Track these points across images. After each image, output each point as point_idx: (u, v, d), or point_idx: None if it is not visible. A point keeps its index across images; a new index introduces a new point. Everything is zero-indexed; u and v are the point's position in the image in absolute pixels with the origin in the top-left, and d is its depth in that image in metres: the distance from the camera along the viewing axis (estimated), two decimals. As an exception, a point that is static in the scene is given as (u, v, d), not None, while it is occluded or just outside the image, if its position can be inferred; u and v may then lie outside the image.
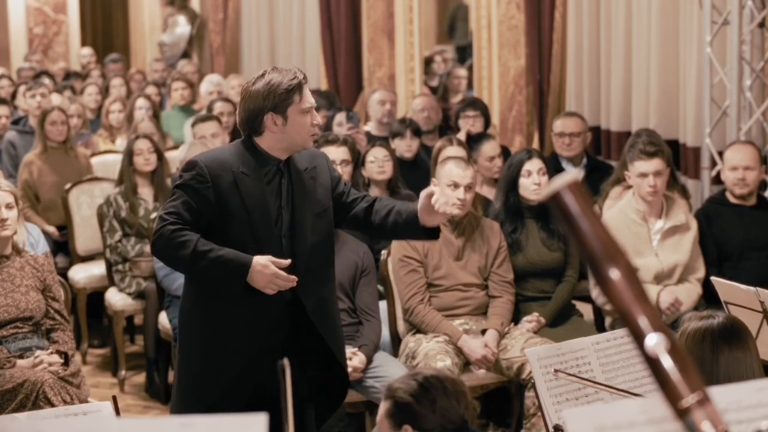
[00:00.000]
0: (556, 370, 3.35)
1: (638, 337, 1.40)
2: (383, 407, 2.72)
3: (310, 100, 3.90)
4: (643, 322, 1.40)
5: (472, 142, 6.71)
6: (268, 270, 3.73)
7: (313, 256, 3.91)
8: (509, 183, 5.46)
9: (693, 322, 2.96)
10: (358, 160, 6.01)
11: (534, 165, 5.42)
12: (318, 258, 3.94)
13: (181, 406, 4.01)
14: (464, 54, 12.83)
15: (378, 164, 6.13)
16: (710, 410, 1.36)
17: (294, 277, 3.78)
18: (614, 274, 1.42)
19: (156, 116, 8.68)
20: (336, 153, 5.66)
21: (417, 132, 7.16)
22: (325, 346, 4.00)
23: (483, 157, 6.45)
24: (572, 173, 1.45)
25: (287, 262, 3.77)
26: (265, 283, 3.74)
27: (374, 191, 6.15)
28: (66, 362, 4.67)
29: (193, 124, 7.36)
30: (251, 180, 3.82)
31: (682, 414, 1.36)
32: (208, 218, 3.79)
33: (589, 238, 1.42)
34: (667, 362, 1.38)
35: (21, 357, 4.62)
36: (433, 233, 3.89)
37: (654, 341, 1.39)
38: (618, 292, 1.41)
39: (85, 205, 7.08)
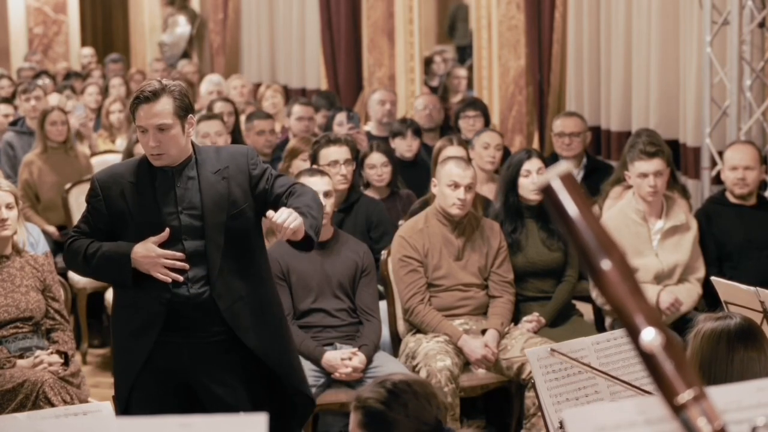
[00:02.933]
0: (552, 350, 3.35)
1: (633, 333, 1.38)
2: (354, 418, 2.69)
3: (140, 122, 3.86)
4: (638, 317, 1.38)
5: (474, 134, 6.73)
6: (151, 253, 3.81)
7: (227, 257, 3.91)
8: (509, 183, 5.46)
9: (709, 322, 2.98)
10: (357, 160, 6.01)
11: (533, 165, 5.42)
12: (234, 258, 3.93)
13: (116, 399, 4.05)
14: (464, 54, 12.82)
15: (377, 171, 6.15)
16: (706, 406, 1.34)
17: (180, 254, 3.82)
18: (607, 266, 1.39)
19: (156, 116, 8.67)
20: (339, 153, 5.66)
21: (417, 132, 7.16)
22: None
23: (479, 143, 6.44)
24: (565, 165, 1.43)
25: (177, 254, 3.82)
26: (150, 266, 3.81)
27: (373, 192, 6.16)
28: (66, 362, 4.67)
29: (197, 123, 7.34)
30: (138, 188, 3.90)
31: (677, 410, 1.35)
32: (104, 229, 3.94)
33: (582, 230, 1.40)
34: (663, 358, 1.36)
35: (21, 357, 4.62)
36: (302, 245, 3.86)
37: (650, 337, 1.37)
38: (611, 286, 1.38)
39: (84, 205, 7.06)
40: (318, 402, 4.85)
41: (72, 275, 6.85)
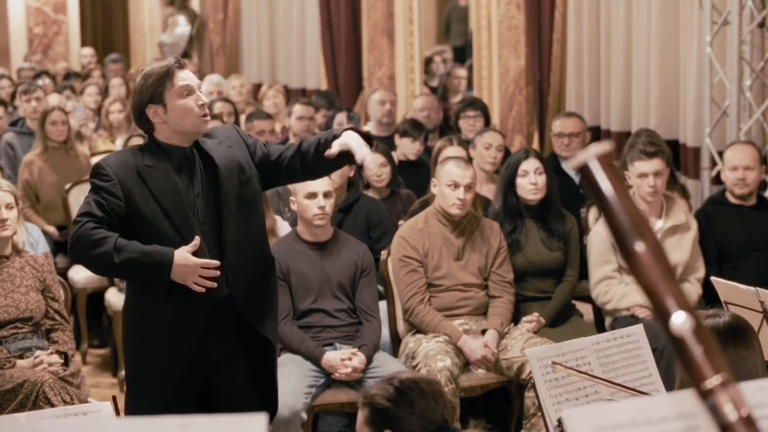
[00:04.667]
0: (553, 363, 3.34)
1: (663, 316, 1.38)
2: (361, 415, 2.70)
3: (184, 81, 3.79)
4: (669, 300, 1.38)
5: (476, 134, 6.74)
6: (189, 262, 3.66)
7: (241, 241, 3.85)
8: (507, 183, 5.47)
9: None
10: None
11: (531, 165, 5.42)
12: (246, 233, 3.88)
13: (132, 408, 3.95)
14: (460, 54, 12.84)
15: (376, 172, 6.14)
16: (734, 393, 1.35)
17: (216, 263, 3.70)
18: (641, 249, 1.39)
19: (156, 116, 8.67)
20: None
21: (426, 137, 7.17)
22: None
23: (481, 143, 6.44)
24: (603, 145, 1.44)
25: (214, 263, 3.70)
26: (187, 275, 3.66)
27: (373, 192, 6.16)
28: (66, 362, 4.67)
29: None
30: (157, 172, 3.78)
31: (705, 395, 1.35)
32: (120, 215, 3.74)
33: (617, 211, 1.41)
34: (692, 342, 1.36)
35: (21, 357, 4.62)
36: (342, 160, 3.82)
37: (680, 320, 1.37)
38: (644, 268, 1.39)
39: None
40: (318, 402, 4.85)
41: (72, 275, 6.85)
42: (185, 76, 3.81)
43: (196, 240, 3.71)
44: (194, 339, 3.83)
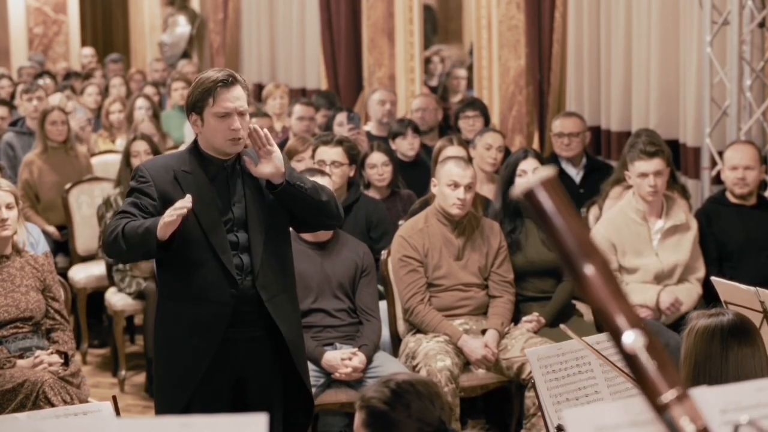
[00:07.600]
0: (564, 326, 3.37)
1: (615, 335, 1.40)
2: (358, 418, 2.70)
3: (226, 104, 3.82)
4: (620, 319, 1.40)
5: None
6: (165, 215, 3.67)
7: (268, 250, 3.93)
8: (506, 183, 5.47)
9: (702, 319, 2.99)
10: (357, 160, 6.01)
11: (529, 164, 5.42)
12: (273, 253, 3.96)
13: (161, 407, 4.04)
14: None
15: (378, 171, 6.14)
16: (689, 406, 1.36)
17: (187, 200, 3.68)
18: (589, 270, 1.41)
19: (156, 116, 8.69)
20: (328, 153, 5.66)
21: (417, 130, 7.16)
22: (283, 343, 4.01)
23: (481, 144, 6.44)
24: (547, 169, 1.44)
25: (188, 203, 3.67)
26: (164, 220, 3.64)
27: (374, 192, 6.16)
28: (66, 362, 4.67)
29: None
30: (193, 177, 3.88)
31: (660, 410, 1.36)
32: (152, 214, 3.83)
33: (564, 235, 1.42)
34: (645, 359, 1.38)
35: (21, 357, 4.62)
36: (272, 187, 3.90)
37: (631, 338, 1.39)
38: (594, 289, 1.41)
39: (85, 205, 7.08)
40: (318, 402, 4.85)
41: (72, 275, 6.85)
42: (229, 97, 3.82)
43: (188, 198, 3.70)
44: (218, 334, 3.88)
